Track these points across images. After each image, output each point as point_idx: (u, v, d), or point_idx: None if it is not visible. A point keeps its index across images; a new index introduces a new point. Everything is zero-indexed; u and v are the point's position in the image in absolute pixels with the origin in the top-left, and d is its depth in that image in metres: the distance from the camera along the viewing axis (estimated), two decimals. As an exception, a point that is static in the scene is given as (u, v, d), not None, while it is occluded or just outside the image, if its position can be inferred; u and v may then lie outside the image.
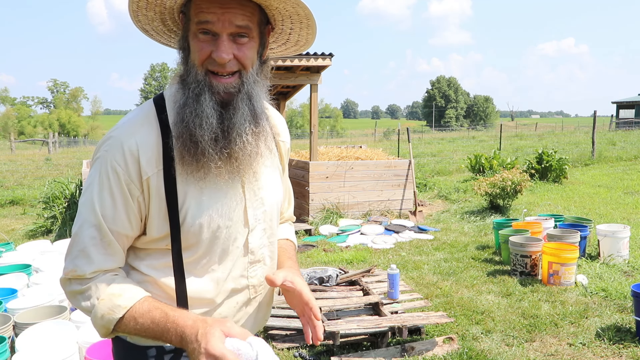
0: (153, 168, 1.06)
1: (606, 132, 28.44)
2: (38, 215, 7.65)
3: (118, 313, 1.02)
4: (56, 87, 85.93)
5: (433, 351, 3.27)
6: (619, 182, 10.37)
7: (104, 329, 1.05)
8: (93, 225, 1.05)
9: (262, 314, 1.30)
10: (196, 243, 1.10)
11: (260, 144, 1.14)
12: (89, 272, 1.05)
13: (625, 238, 4.99)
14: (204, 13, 1.02)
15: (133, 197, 1.06)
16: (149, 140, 1.07)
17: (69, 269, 1.06)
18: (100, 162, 1.06)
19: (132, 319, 1.03)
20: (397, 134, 21.35)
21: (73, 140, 39.41)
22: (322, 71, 7.55)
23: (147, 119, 1.09)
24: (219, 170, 1.08)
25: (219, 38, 1.04)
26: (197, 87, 1.06)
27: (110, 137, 1.08)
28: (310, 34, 1.19)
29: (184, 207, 1.08)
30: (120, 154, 1.05)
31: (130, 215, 1.07)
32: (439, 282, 4.71)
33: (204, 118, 1.05)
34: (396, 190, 7.94)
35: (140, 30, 1.17)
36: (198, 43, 1.05)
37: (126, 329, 1.04)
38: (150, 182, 1.06)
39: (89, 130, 61.23)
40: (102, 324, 1.04)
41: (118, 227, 1.06)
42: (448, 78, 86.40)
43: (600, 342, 3.35)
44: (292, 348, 3.36)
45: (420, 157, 16.24)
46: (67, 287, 1.08)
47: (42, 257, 4.69)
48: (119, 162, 1.04)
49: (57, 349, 2.72)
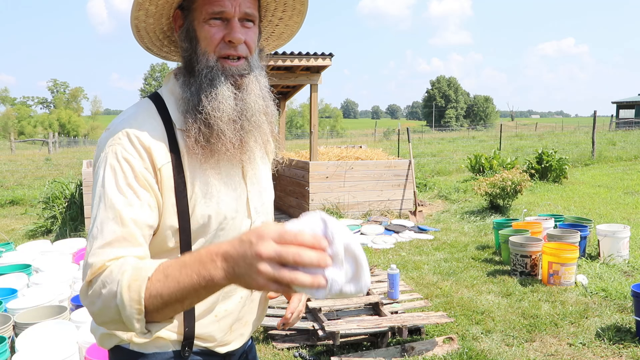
0: (164, 159, 1.05)
1: (606, 132, 28.44)
2: (38, 215, 7.65)
3: (145, 273, 0.88)
4: (56, 87, 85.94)
5: (433, 351, 3.27)
6: (619, 182, 10.37)
7: (134, 306, 0.87)
8: (112, 219, 0.97)
9: (262, 310, 1.31)
10: (203, 234, 1.09)
11: (267, 127, 1.17)
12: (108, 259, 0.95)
13: (625, 238, 4.99)
14: (218, 2, 1.04)
15: (150, 186, 1.02)
16: (156, 132, 1.05)
17: (88, 272, 0.93)
18: (110, 156, 1.01)
19: (161, 274, 0.87)
20: (397, 134, 21.35)
21: (73, 140, 39.44)
22: (322, 71, 7.55)
23: (149, 113, 1.08)
24: (232, 153, 1.09)
25: (231, 22, 1.06)
26: (210, 73, 1.07)
27: (115, 130, 1.04)
28: (297, 23, 1.23)
29: (193, 199, 1.07)
30: (130, 145, 1.02)
31: (151, 203, 1.02)
32: (439, 282, 4.71)
33: (221, 100, 1.06)
34: (396, 190, 7.94)
35: (132, 30, 1.16)
36: (209, 29, 1.06)
37: (157, 294, 0.87)
38: (162, 172, 1.04)
39: (89, 130, 61.26)
40: (131, 297, 0.87)
41: (140, 217, 0.99)
42: (448, 78, 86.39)
43: (600, 342, 3.35)
44: (292, 348, 3.35)
45: (420, 157, 16.24)
46: (88, 293, 0.93)
47: (42, 257, 4.69)
48: (131, 152, 1.01)
49: (57, 349, 2.72)
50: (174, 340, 1.12)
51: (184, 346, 1.12)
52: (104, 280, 0.91)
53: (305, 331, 3.41)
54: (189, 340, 1.12)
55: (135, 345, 1.11)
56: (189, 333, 1.12)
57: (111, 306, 0.89)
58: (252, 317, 1.25)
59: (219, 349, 1.18)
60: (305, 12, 1.20)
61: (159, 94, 1.14)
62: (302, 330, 3.41)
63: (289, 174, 8.21)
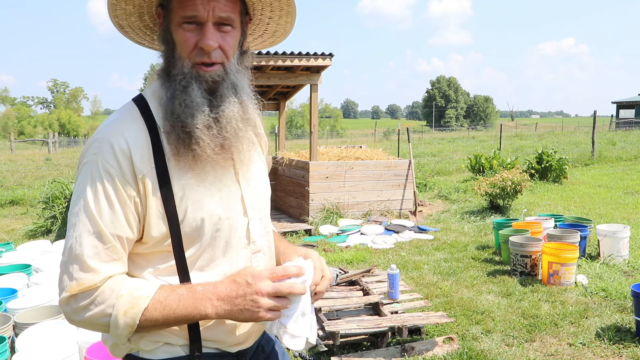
0: (147, 166, 1.03)
1: (606, 132, 28.45)
2: (38, 215, 7.64)
3: (143, 303, 0.98)
4: (56, 87, 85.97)
5: (433, 351, 3.27)
6: (619, 182, 10.38)
7: (127, 329, 0.99)
8: (93, 233, 1.00)
9: None
10: (198, 238, 1.08)
11: (249, 131, 1.15)
12: (98, 280, 0.99)
13: (625, 238, 4.99)
14: (189, 6, 1.03)
15: (130, 198, 1.02)
16: (138, 138, 1.04)
17: (73, 284, 0.98)
18: (90, 167, 1.02)
19: (158, 304, 0.98)
20: (397, 134, 21.35)
21: (73, 140, 39.44)
22: (322, 71, 7.55)
23: (132, 118, 1.07)
24: (215, 158, 1.07)
25: (204, 26, 1.04)
26: (184, 79, 1.05)
27: (96, 139, 1.04)
28: (289, 22, 1.21)
29: (183, 203, 1.06)
30: (111, 155, 1.01)
31: (130, 217, 1.03)
32: (439, 282, 4.71)
33: (194, 107, 1.05)
34: (396, 190, 7.94)
35: (116, 27, 1.15)
36: (183, 33, 1.04)
37: (152, 318, 0.99)
38: (145, 180, 1.03)
39: (89, 130, 61.22)
40: (126, 322, 0.98)
41: (119, 231, 1.02)
42: (448, 78, 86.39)
43: (600, 342, 3.35)
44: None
45: (420, 157, 16.24)
46: (72, 305, 0.99)
47: (42, 257, 4.69)
48: (111, 164, 1.01)
49: (57, 349, 2.71)
50: (183, 345, 1.11)
51: (192, 350, 1.11)
52: (94, 300, 0.99)
53: (305, 331, 3.41)
54: (197, 344, 1.11)
55: (145, 353, 1.11)
56: (194, 337, 1.11)
57: (100, 322, 1.00)
58: None
59: (229, 349, 1.16)
60: (294, 12, 1.18)
61: (142, 96, 1.12)
62: (302, 330, 3.41)
63: (289, 174, 8.21)
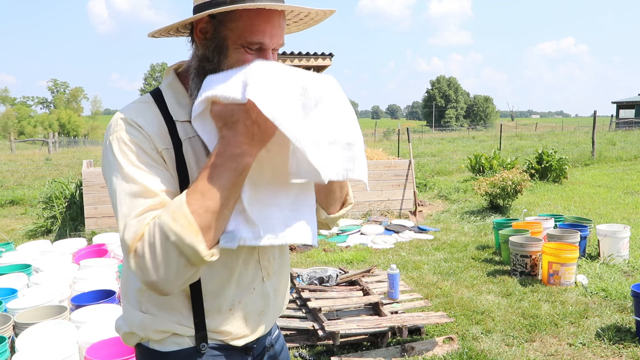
0: (163, 144, 1.07)
1: (606, 132, 28.44)
2: (38, 215, 7.64)
3: (178, 201, 0.96)
4: (56, 87, 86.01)
5: (433, 351, 3.27)
6: (619, 182, 10.38)
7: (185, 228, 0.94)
8: (139, 194, 0.99)
9: (281, 300, 1.31)
10: None
11: None
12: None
13: (625, 238, 4.99)
14: (257, 33, 1.05)
15: (159, 163, 1.05)
16: (154, 122, 1.08)
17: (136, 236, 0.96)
18: (117, 142, 1.04)
19: (195, 193, 0.96)
20: (397, 134, 21.35)
21: (73, 140, 39.42)
22: (322, 71, 7.55)
23: (147, 106, 1.11)
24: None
25: (265, 52, 1.08)
26: None
27: (117, 120, 1.08)
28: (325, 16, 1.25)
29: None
30: (133, 129, 1.05)
31: (167, 175, 1.05)
32: (439, 282, 4.71)
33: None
34: (396, 190, 7.94)
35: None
36: (245, 55, 1.07)
37: (199, 207, 0.95)
38: (163, 154, 1.06)
39: (89, 130, 61.30)
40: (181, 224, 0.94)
41: (166, 187, 1.03)
42: (448, 78, 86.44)
43: (600, 342, 3.35)
44: (292, 348, 3.36)
45: (420, 157, 16.24)
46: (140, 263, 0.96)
47: (42, 257, 4.69)
48: (136, 135, 1.04)
49: (57, 349, 2.71)
50: (190, 336, 1.13)
51: (198, 340, 1.13)
52: (147, 238, 0.95)
53: (305, 331, 3.41)
54: (202, 333, 1.13)
55: (154, 343, 1.14)
56: (200, 325, 1.12)
57: (169, 248, 0.94)
58: (269, 309, 1.24)
59: (235, 342, 1.17)
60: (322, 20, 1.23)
61: (159, 89, 1.16)
62: (302, 330, 3.41)
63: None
